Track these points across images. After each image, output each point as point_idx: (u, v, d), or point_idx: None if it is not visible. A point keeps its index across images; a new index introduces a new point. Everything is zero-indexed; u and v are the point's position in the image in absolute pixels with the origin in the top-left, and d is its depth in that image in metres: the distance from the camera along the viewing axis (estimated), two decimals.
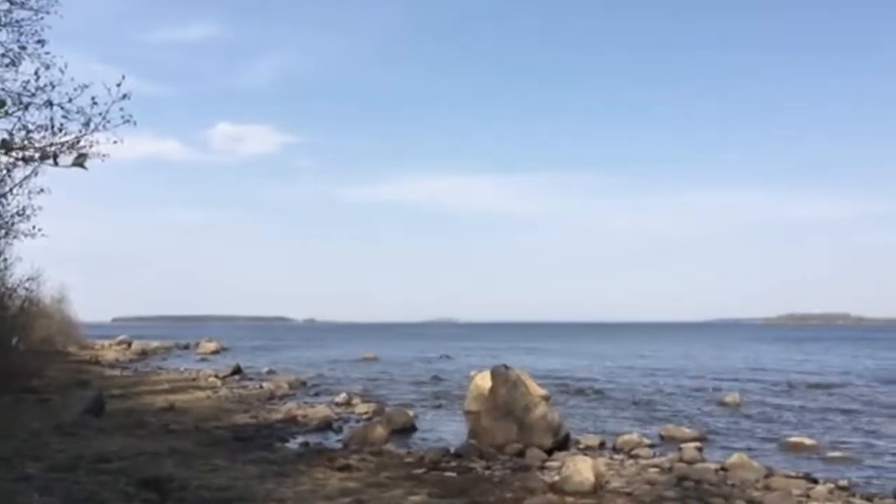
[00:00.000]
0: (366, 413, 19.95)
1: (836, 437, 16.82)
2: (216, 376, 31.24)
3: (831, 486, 11.20)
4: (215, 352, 56.58)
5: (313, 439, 15.47)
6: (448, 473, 11.68)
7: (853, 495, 10.73)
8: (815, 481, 11.49)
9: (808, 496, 10.43)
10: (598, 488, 10.47)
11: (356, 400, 22.74)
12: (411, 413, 18.94)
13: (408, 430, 17.23)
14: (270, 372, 35.67)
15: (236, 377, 31.83)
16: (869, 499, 10.51)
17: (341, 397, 23.08)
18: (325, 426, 17.53)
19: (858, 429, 18.03)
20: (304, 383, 29.23)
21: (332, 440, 15.62)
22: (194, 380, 30.41)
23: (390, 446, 14.17)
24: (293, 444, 14.74)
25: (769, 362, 45.60)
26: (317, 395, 25.75)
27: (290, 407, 20.80)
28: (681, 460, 13.11)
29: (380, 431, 14.84)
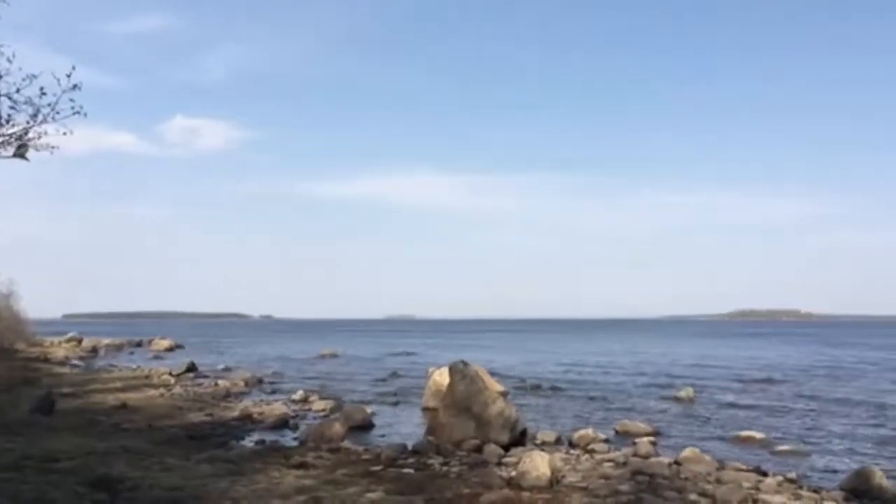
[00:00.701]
0: (323, 410, 19.82)
1: (785, 430, 17.23)
2: (170, 374, 30.70)
3: (780, 478, 11.49)
4: (169, 349, 55.63)
5: (269, 437, 15.32)
6: (406, 470, 11.65)
7: (801, 487, 11.01)
8: (765, 474, 11.77)
9: (757, 489, 10.67)
10: (555, 483, 10.56)
11: (313, 397, 22.57)
12: (369, 410, 18.88)
13: (365, 427, 17.17)
14: (226, 369, 35.24)
15: (191, 375, 31.30)
16: (816, 491, 10.78)
17: (298, 395, 22.89)
18: (282, 424, 17.37)
19: (806, 423, 18.49)
20: (260, 381, 28.92)
21: (289, 438, 15.48)
22: (147, 377, 29.82)
23: (348, 443, 14.10)
24: (248, 443, 14.58)
25: (720, 358, 46.52)
26: (273, 392, 25.50)
27: (246, 405, 20.57)
28: (635, 455, 13.31)
29: (337, 428, 14.75)
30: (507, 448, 13.60)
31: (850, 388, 26.80)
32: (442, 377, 19.04)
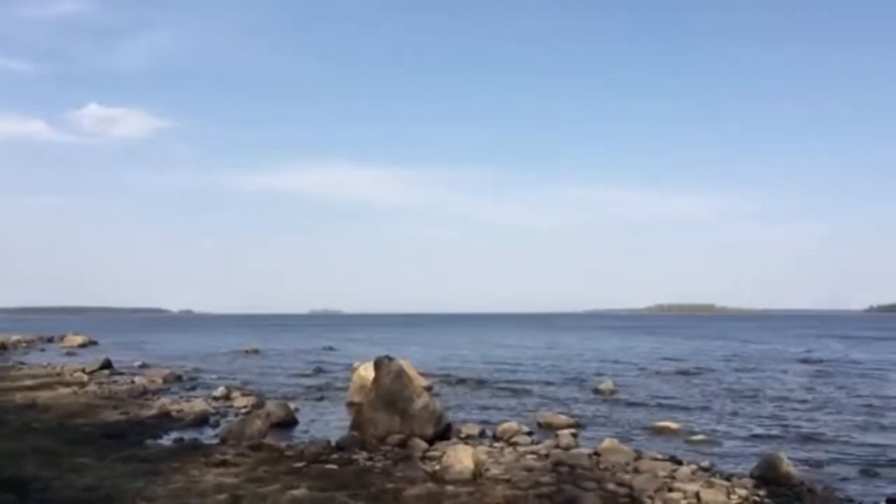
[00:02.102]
0: (245, 407, 19.46)
1: (699, 420, 17.85)
2: (83, 371, 29.54)
3: (694, 467, 11.89)
4: (83, 345, 53.60)
5: (188, 435, 14.95)
6: (329, 466, 11.56)
7: (714, 475, 11.43)
8: (680, 463, 12.17)
9: (673, 477, 11.02)
10: (478, 476, 10.67)
11: (235, 393, 22.13)
12: (292, 406, 18.64)
13: (288, 423, 16.94)
14: (143, 366, 34.17)
15: (105, 372, 30.18)
16: (728, 478, 11.20)
17: (219, 391, 22.37)
18: (202, 421, 16.99)
19: (718, 413, 19.19)
20: (179, 377, 28.17)
21: (209, 435, 15.13)
22: (59, 375, 28.62)
23: (270, 440, 13.90)
24: (166, 441, 14.21)
25: (639, 352, 47.86)
26: (193, 389, 24.90)
27: (164, 402, 20.00)
28: (557, 446, 13.55)
29: (258, 425, 14.51)
30: (431, 442, 13.65)
31: (760, 380, 27.96)
32: (367, 372, 18.95)
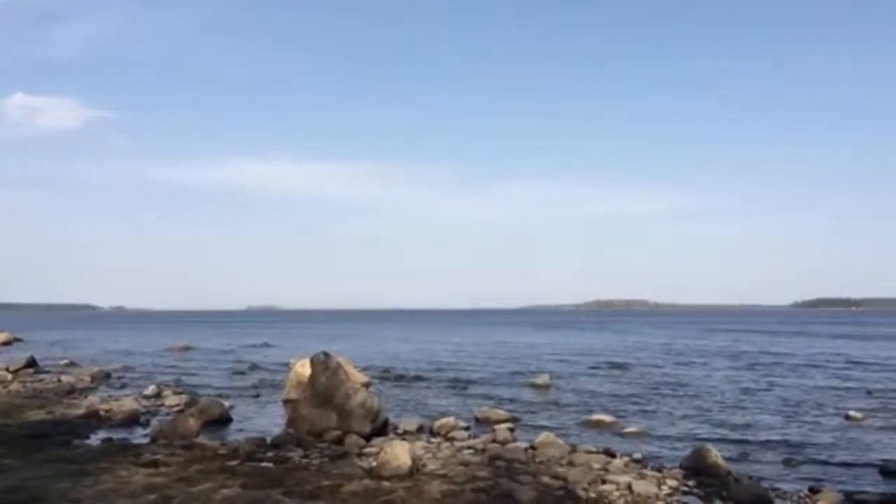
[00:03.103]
0: (177, 405, 19.03)
1: (633, 413, 18.24)
2: (6, 370, 28.36)
3: (627, 459, 12.18)
4: (6, 343, 51.55)
5: (117, 435, 14.55)
6: (264, 464, 11.42)
7: (645, 467, 11.72)
8: (613, 455, 12.43)
9: (606, 469, 11.25)
10: (415, 472, 10.67)
11: (167, 392, 21.62)
12: (227, 404, 18.33)
13: (222, 421, 16.63)
14: (70, 364, 33.03)
15: (30, 370, 29.08)
16: (659, 470, 11.51)
17: (150, 389, 21.82)
18: (132, 420, 16.56)
19: (651, 406, 19.65)
20: (108, 375, 27.38)
21: (139, 435, 14.76)
22: None
23: (203, 439, 13.63)
24: (94, 441, 13.81)
25: (576, 346, 48.61)
26: (123, 387, 24.23)
27: (92, 401, 19.42)
28: (494, 441, 13.65)
29: (191, 424, 14.21)
30: (368, 438, 13.61)
31: (690, 374, 28.75)
32: (304, 368, 18.74)
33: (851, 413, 17.60)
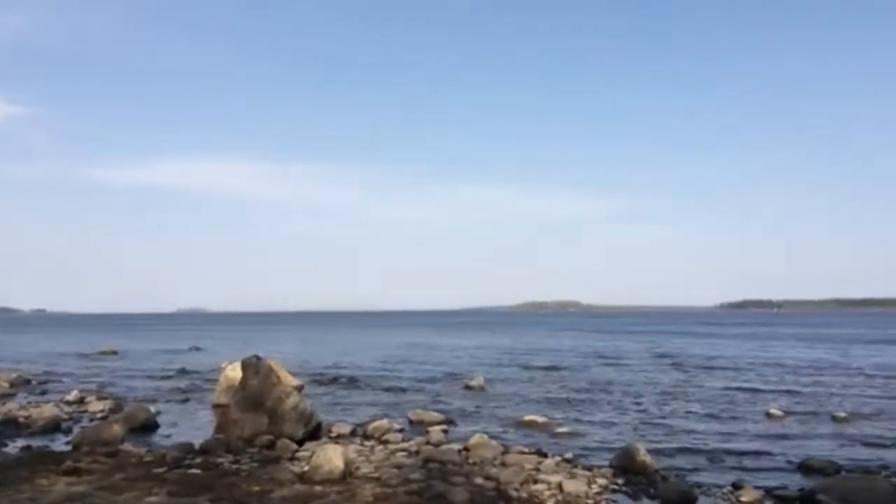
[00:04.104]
0: (101, 411, 18.43)
1: (564, 414, 18.50)
2: None
3: (558, 458, 12.37)
4: None
5: (37, 443, 14.04)
6: (192, 471, 11.15)
7: (576, 466, 11.93)
8: (545, 455, 12.61)
9: (538, 469, 11.39)
10: (348, 475, 10.59)
11: (90, 397, 20.91)
12: (153, 409, 17.83)
13: (149, 427, 16.19)
14: None
15: None
16: (589, 469, 11.73)
17: (73, 395, 21.07)
18: (53, 428, 15.95)
19: (582, 406, 19.99)
20: (28, 381, 26.33)
21: (61, 443, 14.24)
22: None
23: (128, 446, 13.23)
24: (13, 449, 13.29)
25: (509, 347, 49.12)
26: (44, 393, 23.34)
27: (11, 408, 18.64)
28: (427, 443, 13.67)
29: (115, 430, 13.77)
30: (301, 443, 13.44)
31: (619, 374, 29.37)
32: (234, 372, 18.37)
33: (772, 411, 18.28)
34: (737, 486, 10.78)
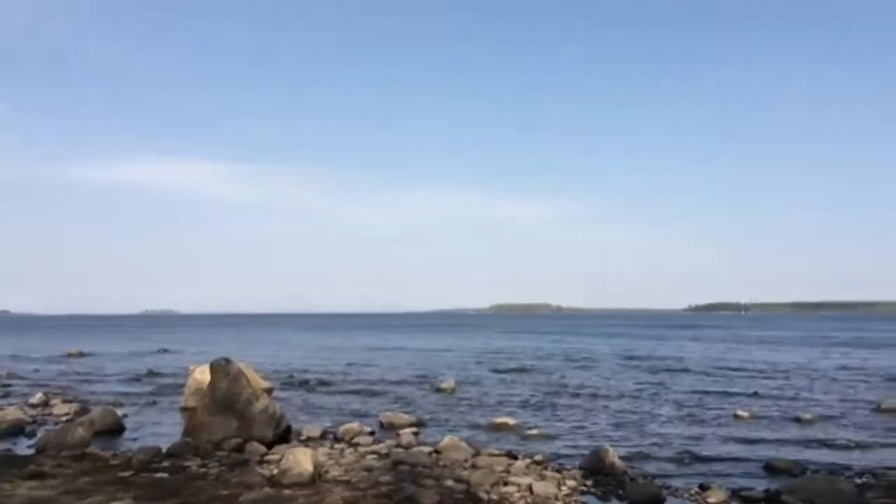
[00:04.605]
0: (66, 414, 18.13)
1: (535, 416, 18.59)
2: None
3: (528, 461, 12.41)
4: None
5: (0, 446, 13.73)
6: (159, 474, 11.01)
7: (546, 468, 11.98)
8: (515, 457, 12.64)
9: (508, 471, 11.42)
10: (317, 478, 10.54)
11: (55, 400, 20.58)
12: (120, 412, 17.58)
13: (116, 430, 15.98)
14: None
15: None
16: (559, 471, 11.79)
17: (37, 398, 20.72)
18: (16, 431, 15.69)
19: (552, 408, 20.08)
20: None
21: (24, 446, 13.99)
22: None
23: (94, 449, 13.05)
24: None
25: (479, 349, 49.22)
26: (6, 396, 22.91)
27: None
28: (398, 446, 13.65)
29: (80, 433, 13.55)
30: (270, 446, 13.34)
31: (589, 376, 29.56)
32: (202, 375, 18.21)
33: (739, 413, 18.52)
34: (704, 488, 10.90)
